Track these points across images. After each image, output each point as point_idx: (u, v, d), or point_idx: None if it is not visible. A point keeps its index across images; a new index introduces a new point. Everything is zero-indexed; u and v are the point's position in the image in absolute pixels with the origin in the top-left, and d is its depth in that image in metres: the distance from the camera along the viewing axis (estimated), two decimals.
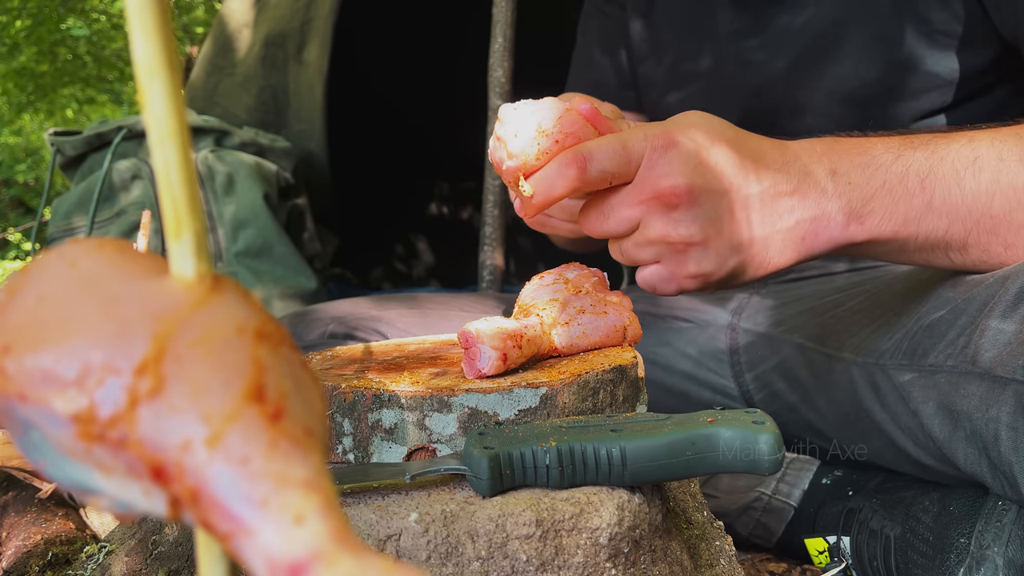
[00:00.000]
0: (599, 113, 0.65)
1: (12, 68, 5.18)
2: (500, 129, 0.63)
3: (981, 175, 0.66)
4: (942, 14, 0.89)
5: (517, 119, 0.62)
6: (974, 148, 0.67)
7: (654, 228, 0.63)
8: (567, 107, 0.63)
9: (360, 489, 0.50)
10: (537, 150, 0.62)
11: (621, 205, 0.64)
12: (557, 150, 0.62)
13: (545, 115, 0.62)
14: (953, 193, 0.66)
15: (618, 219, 0.64)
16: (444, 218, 3.02)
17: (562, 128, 0.62)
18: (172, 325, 0.21)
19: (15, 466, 0.78)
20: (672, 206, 0.62)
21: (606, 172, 0.61)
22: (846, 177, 0.66)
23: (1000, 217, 0.66)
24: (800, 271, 1.08)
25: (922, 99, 0.94)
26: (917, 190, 0.66)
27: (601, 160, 0.61)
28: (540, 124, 0.62)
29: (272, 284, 1.65)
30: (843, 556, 0.82)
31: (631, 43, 1.20)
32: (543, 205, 0.63)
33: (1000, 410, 0.61)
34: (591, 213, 0.66)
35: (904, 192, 0.66)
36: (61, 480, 0.22)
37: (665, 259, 0.65)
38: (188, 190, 0.22)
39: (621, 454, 0.48)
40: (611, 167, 0.61)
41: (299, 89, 2.05)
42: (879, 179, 0.66)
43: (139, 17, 0.20)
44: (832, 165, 0.66)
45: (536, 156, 0.62)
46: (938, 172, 0.66)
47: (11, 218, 5.91)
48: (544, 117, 0.62)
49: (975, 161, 0.67)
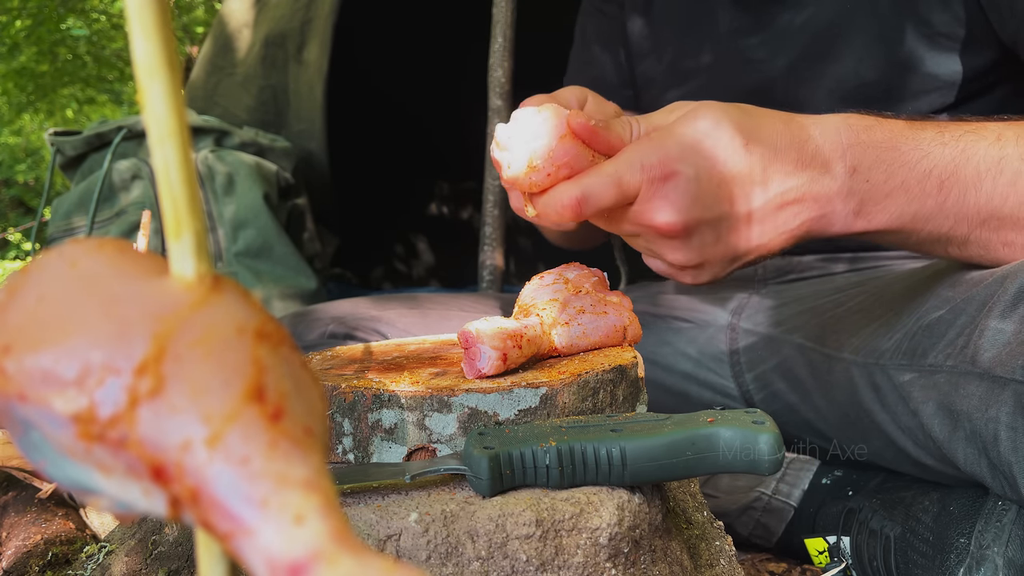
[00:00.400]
0: (596, 131, 0.64)
1: (12, 68, 5.18)
2: (496, 153, 0.64)
3: (1001, 176, 0.66)
4: (943, 16, 0.89)
5: (510, 147, 0.63)
6: (1001, 147, 0.66)
7: (652, 246, 0.67)
8: (561, 134, 0.63)
9: (360, 489, 0.50)
10: (529, 182, 0.63)
11: (622, 222, 0.65)
12: (550, 183, 0.63)
13: (537, 147, 0.62)
14: (968, 196, 0.66)
15: (620, 231, 0.67)
16: (444, 218, 3.02)
17: (553, 161, 0.62)
18: (172, 325, 0.21)
19: (15, 466, 0.78)
20: (669, 237, 0.64)
21: (603, 210, 0.63)
22: (865, 175, 0.65)
23: (1008, 218, 0.66)
24: (800, 271, 1.08)
25: (922, 100, 0.94)
26: (934, 191, 0.66)
27: (597, 200, 0.62)
28: (532, 159, 0.62)
29: (272, 284, 1.65)
30: (843, 556, 0.82)
31: (630, 41, 1.20)
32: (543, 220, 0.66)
33: (999, 410, 0.61)
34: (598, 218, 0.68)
35: (921, 192, 0.66)
36: (61, 480, 0.22)
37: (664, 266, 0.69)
38: (188, 190, 0.22)
39: (621, 454, 0.48)
40: (607, 204, 0.62)
41: (299, 89, 2.05)
42: (899, 179, 0.66)
43: (139, 17, 0.20)
44: (854, 162, 0.65)
45: (530, 187, 0.64)
46: (960, 174, 0.66)
47: (11, 218, 5.91)
48: (536, 150, 0.62)
49: (999, 162, 0.66)
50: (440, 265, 2.92)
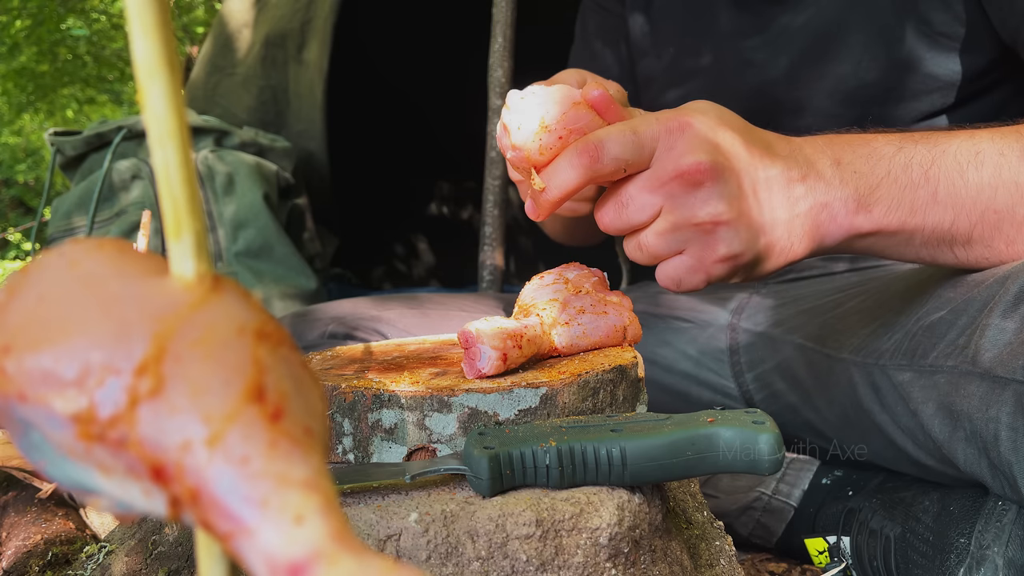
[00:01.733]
0: (612, 101, 0.63)
1: (12, 68, 5.18)
2: (506, 116, 0.62)
3: (983, 169, 0.66)
4: (943, 16, 0.89)
5: (522, 110, 0.61)
6: (975, 143, 0.67)
7: (679, 211, 0.60)
8: (575, 101, 0.62)
9: (360, 489, 0.50)
10: (539, 145, 0.61)
11: (640, 192, 0.61)
12: (560, 146, 0.61)
13: (550, 109, 0.61)
14: (957, 185, 0.66)
15: (638, 207, 0.61)
16: (444, 218, 3.02)
17: (566, 124, 0.61)
18: (172, 325, 0.21)
19: (15, 466, 0.78)
20: (697, 183, 0.59)
21: (619, 159, 0.59)
22: (851, 167, 0.65)
23: (1004, 212, 0.66)
24: (800, 271, 1.08)
25: (923, 100, 0.94)
26: (921, 180, 0.66)
27: (613, 148, 0.59)
28: (544, 119, 0.61)
29: (272, 284, 1.65)
30: (843, 556, 0.82)
31: (630, 39, 1.20)
32: (557, 201, 0.62)
33: (1000, 410, 0.61)
34: (608, 205, 0.63)
35: (909, 182, 0.66)
36: (61, 480, 0.22)
37: (691, 245, 0.61)
38: (188, 190, 0.22)
39: (621, 454, 0.48)
40: (624, 154, 0.59)
41: (299, 89, 2.05)
42: (883, 168, 0.66)
43: (139, 17, 0.20)
44: (835, 156, 0.65)
45: (539, 151, 0.61)
46: (941, 164, 0.66)
47: (11, 218, 5.91)
48: (549, 111, 0.61)
49: (977, 155, 0.66)
50: (440, 265, 2.92)
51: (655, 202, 0.61)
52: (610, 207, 0.63)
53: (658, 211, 0.61)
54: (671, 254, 0.62)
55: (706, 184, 0.59)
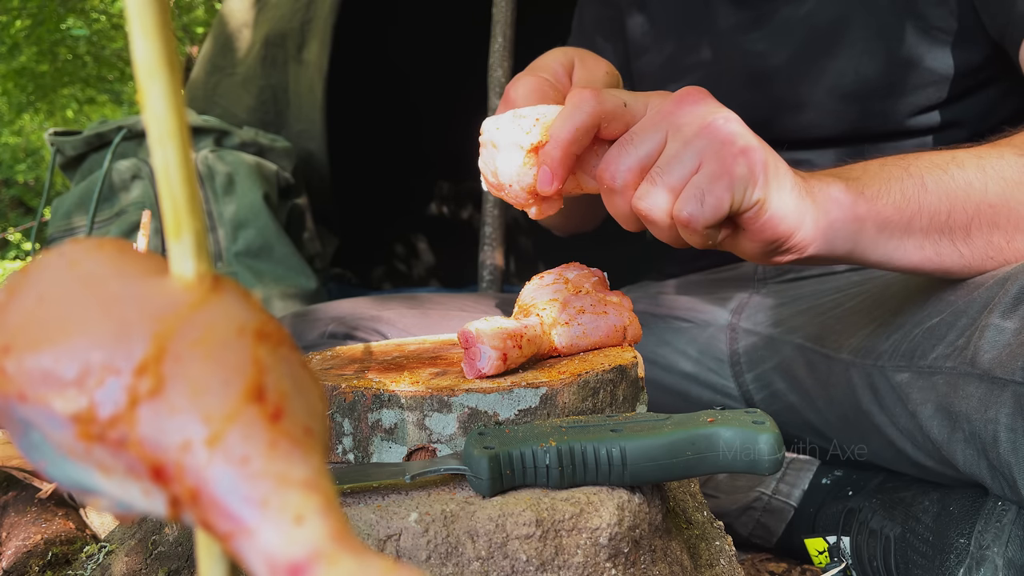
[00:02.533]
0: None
1: (12, 68, 5.18)
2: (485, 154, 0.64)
3: (965, 167, 0.67)
4: (939, 10, 0.90)
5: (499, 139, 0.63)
6: (951, 152, 0.69)
7: (685, 128, 0.58)
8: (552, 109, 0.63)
9: (360, 489, 0.50)
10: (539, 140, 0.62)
11: (643, 128, 0.59)
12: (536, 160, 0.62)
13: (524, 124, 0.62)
14: (943, 178, 0.67)
15: (643, 139, 0.59)
16: (444, 218, 3.02)
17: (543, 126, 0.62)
18: (172, 325, 0.21)
19: (15, 466, 0.78)
20: (696, 102, 0.59)
21: (618, 96, 0.60)
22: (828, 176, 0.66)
23: (999, 206, 0.67)
24: (799, 271, 1.08)
25: (919, 94, 0.94)
26: (904, 175, 0.67)
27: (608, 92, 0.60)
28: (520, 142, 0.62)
29: (272, 284, 1.65)
30: (843, 556, 0.82)
31: (628, 36, 1.20)
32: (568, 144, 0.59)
33: (999, 411, 0.61)
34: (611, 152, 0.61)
35: (891, 176, 0.67)
36: (61, 480, 0.22)
37: (706, 152, 0.57)
38: (188, 190, 0.22)
39: (621, 454, 0.48)
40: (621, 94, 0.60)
41: (299, 89, 2.05)
42: (859, 169, 0.67)
43: (139, 17, 0.20)
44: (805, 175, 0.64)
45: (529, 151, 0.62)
46: (918, 163, 0.68)
47: (11, 218, 5.91)
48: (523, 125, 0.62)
49: (954, 159, 0.68)
50: (440, 265, 2.92)
51: (660, 129, 0.59)
52: (614, 151, 0.60)
53: (664, 139, 0.59)
54: (689, 174, 0.58)
55: (706, 100, 0.60)
